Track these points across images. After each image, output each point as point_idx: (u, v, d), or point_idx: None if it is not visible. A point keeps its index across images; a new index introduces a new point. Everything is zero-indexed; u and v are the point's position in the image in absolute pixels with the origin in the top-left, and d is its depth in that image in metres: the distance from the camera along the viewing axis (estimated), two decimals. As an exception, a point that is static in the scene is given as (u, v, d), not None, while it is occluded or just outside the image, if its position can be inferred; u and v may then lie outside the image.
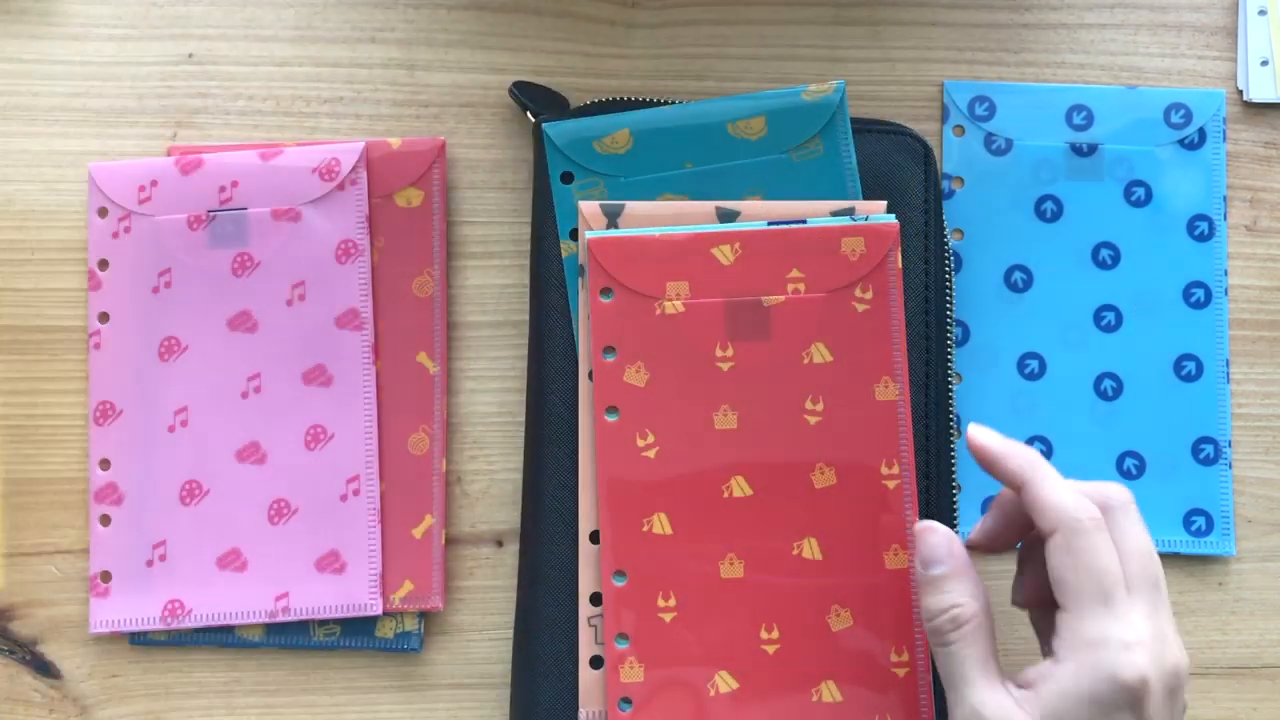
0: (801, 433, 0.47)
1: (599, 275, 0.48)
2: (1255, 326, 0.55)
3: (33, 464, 0.54)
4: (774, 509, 0.47)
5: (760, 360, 0.47)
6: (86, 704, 0.53)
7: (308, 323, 0.53)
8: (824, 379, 0.47)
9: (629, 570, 0.47)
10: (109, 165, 0.53)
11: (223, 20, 0.55)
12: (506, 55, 0.55)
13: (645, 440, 0.47)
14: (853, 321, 0.47)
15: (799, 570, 0.47)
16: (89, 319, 0.53)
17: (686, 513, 0.47)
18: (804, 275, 0.47)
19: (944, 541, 0.43)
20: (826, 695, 0.47)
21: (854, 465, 0.47)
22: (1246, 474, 0.55)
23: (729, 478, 0.47)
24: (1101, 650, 0.39)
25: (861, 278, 0.47)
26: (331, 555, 0.52)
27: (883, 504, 0.47)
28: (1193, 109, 0.55)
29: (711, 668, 0.47)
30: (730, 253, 0.47)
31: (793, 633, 0.47)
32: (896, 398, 0.47)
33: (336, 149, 0.53)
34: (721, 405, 0.47)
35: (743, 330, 0.47)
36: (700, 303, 0.47)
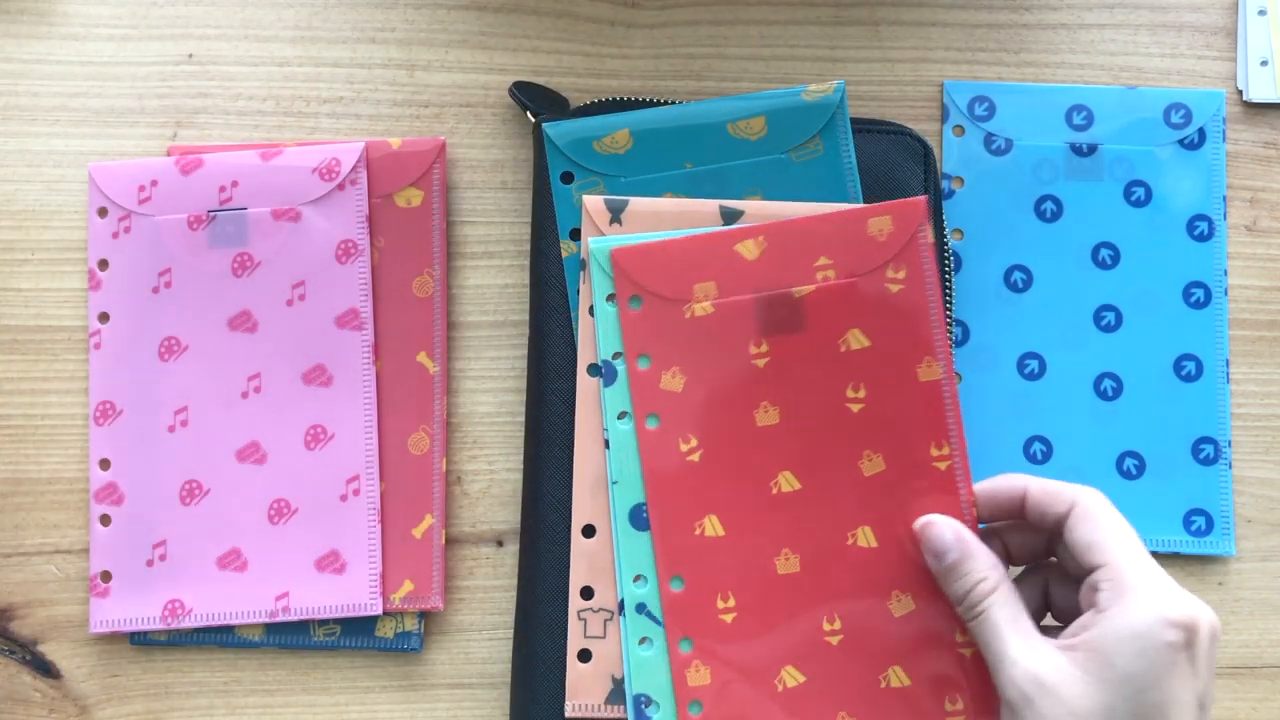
0: (846, 422, 0.46)
1: (625, 284, 0.48)
2: (1255, 326, 0.55)
3: (33, 464, 0.54)
4: (825, 500, 0.47)
5: (796, 353, 0.47)
6: (86, 704, 0.53)
7: (308, 323, 0.53)
8: (863, 365, 0.46)
9: (685, 574, 0.47)
10: (109, 165, 0.53)
11: (223, 20, 0.55)
12: (506, 55, 0.55)
13: (688, 444, 0.47)
14: (887, 303, 0.46)
15: (856, 559, 0.46)
16: (89, 319, 0.53)
17: (737, 512, 0.47)
18: (832, 261, 0.46)
19: (947, 529, 0.44)
20: (895, 680, 0.46)
21: (902, 449, 0.46)
22: (1246, 474, 0.55)
23: (776, 473, 0.47)
24: (1150, 591, 0.39)
25: (892, 257, 0.46)
26: (331, 555, 0.52)
27: (935, 486, 0.46)
28: (1192, 109, 0.55)
29: (777, 664, 0.46)
30: (754, 247, 0.47)
31: (855, 622, 0.46)
32: (940, 376, 0.46)
33: (336, 149, 0.53)
34: (761, 402, 0.47)
35: (775, 324, 0.47)
36: (729, 301, 0.47)
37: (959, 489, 0.46)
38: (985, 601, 0.42)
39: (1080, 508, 0.41)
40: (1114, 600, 0.39)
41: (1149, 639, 0.38)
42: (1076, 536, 0.41)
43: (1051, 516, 0.42)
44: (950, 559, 0.43)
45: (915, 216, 0.47)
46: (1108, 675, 0.38)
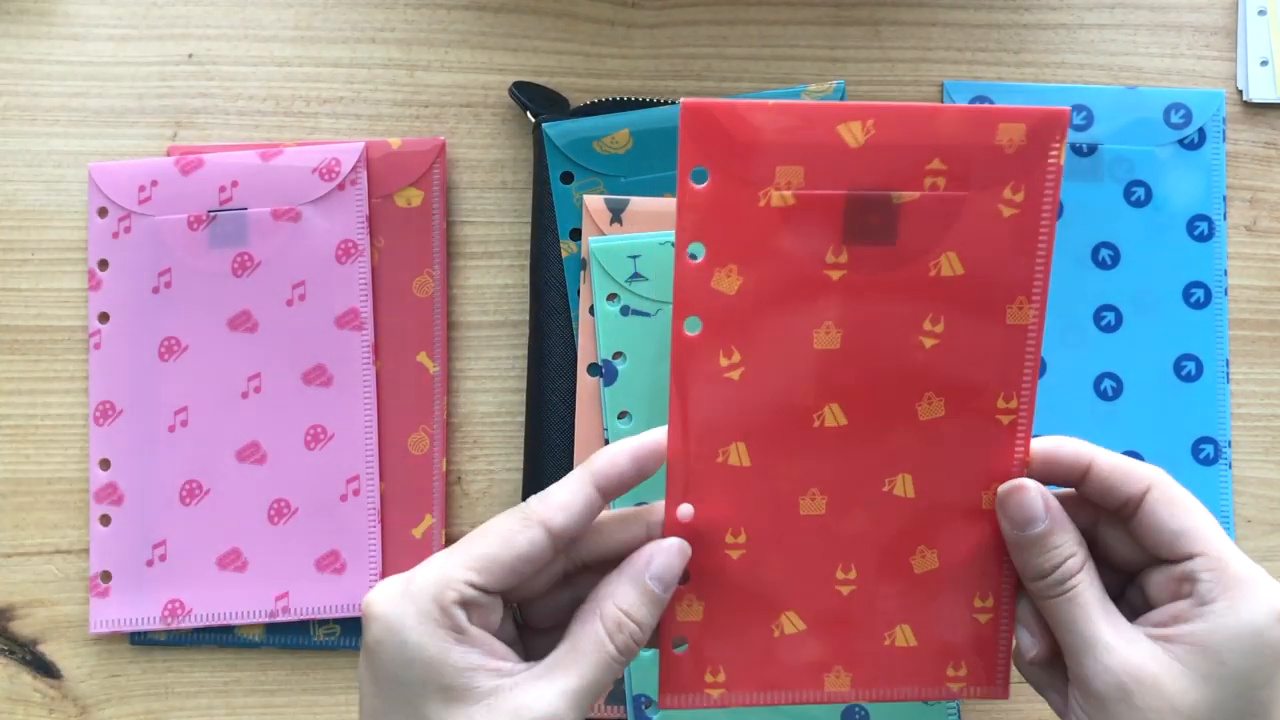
0: (914, 358, 0.41)
1: (693, 151, 0.38)
2: (1255, 326, 0.55)
3: (33, 464, 0.54)
4: (869, 441, 0.41)
5: (879, 270, 0.40)
6: (86, 704, 0.53)
7: (308, 323, 0.53)
8: (950, 296, 0.40)
9: (696, 502, 0.41)
10: (109, 165, 0.53)
11: (223, 20, 0.55)
12: (506, 55, 0.55)
13: (730, 359, 0.40)
14: (995, 228, 0.40)
15: (888, 508, 0.42)
16: (89, 319, 0.53)
17: (769, 443, 0.41)
18: (946, 167, 0.39)
19: (1038, 497, 0.40)
20: (900, 639, 0.43)
21: (968, 396, 0.41)
22: (1246, 474, 0.55)
23: (823, 405, 0.41)
24: (1260, 585, 0.37)
25: (1014, 175, 0.39)
26: (331, 555, 0.52)
27: (993, 440, 0.41)
28: (1192, 109, 0.55)
29: (778, 609, 0.42)
30: (860, 132, 0.39)
31: (871, 574, 0.42)
32: (1030, 321, 0.40)
33: (336, 149, 0.53)
34: (825, 321, 0.40)
35: (863, 231, 0.40)
36: (816, 194, 0.39)
37: (1016, 447, 0.41)
38: (1074, 579, 0.39)
39: (1159, 490, 0.39)
40: (1219, 593, 0.37)
41: (1264, 635, 0.36)
42: (1159, 522, 0.38)
43: (1120, 496, 0.39)
44: (1038, 529, 0.39)
45: (1053, 130, 0.39)
46: (1218, 672, 0.36)
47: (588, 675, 0.36)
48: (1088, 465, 0.40)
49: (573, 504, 0.37)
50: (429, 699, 0.35)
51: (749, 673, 0.42)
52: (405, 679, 0.35)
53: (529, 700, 0.35)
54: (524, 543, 0.36)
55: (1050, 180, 0.40)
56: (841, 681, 0.42)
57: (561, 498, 0.37)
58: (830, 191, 0.39)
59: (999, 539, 0.42)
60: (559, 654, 0.37)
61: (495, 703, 0.35)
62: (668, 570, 0.38)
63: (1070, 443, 0.41)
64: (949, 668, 0.43)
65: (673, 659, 0.42)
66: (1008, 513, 0.40)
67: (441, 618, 0.35)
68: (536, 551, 0.36)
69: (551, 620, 0.39)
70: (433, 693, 0.35)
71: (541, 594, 0.39)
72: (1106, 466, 0.40)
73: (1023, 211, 0.40)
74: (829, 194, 0.39)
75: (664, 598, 0.38)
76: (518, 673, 0.36)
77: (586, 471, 0.38)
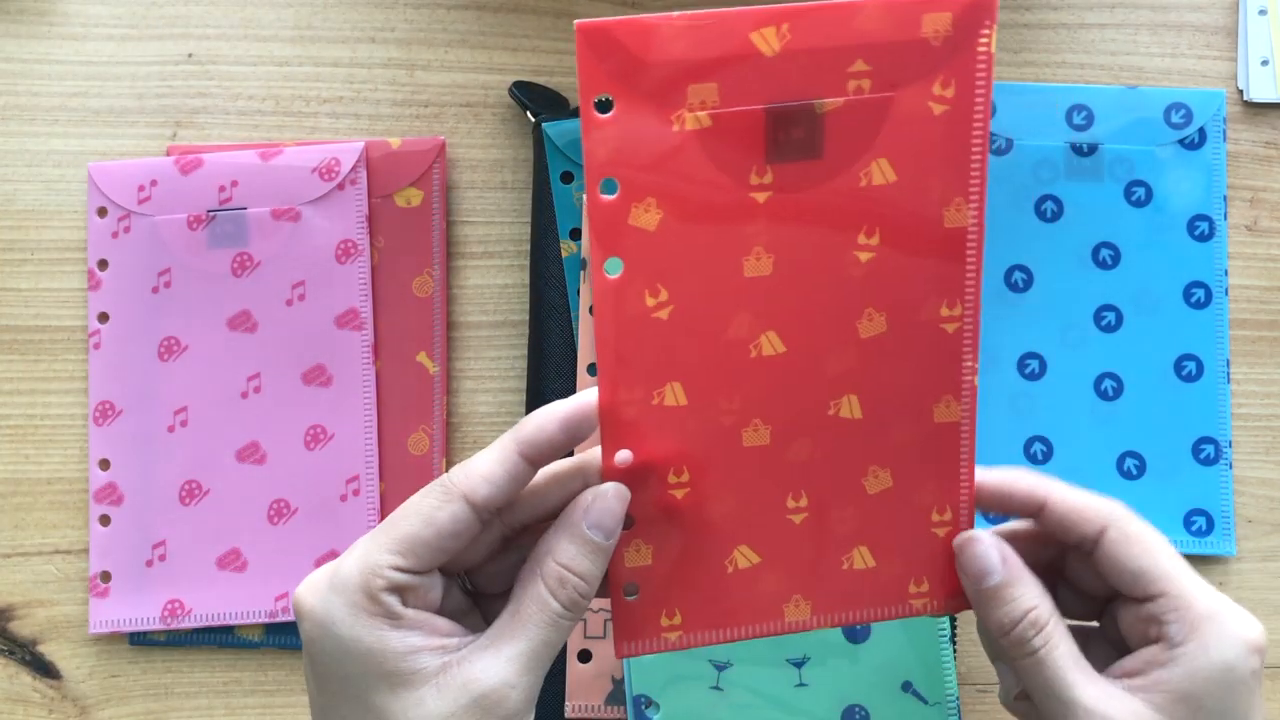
0: (850, 273, 0.38)
1: (593, 77, 0.35)
2: (1255, 326, 0.55)
3: (33, 464, 0.54)
4: (810, 366, 0.39)
5: (807, 186, 0.37)
6: (86, 704, 0.53)
7: (307, 323, 0.53)
8: (883, 204, 0.38)
9: (634, 447, 0.39)
10: (108, 165, 0.53)
11: (222, 20, 0.55)
12: (506, 55, 0.55)
13: (656, 298, 0.38)
14: (926, 128, 0.37)
15: (835, 431, 0.40)
16: (89, 319, 0.53)
17: (705, 380, 0.39)
18: (871, 68, 0.36)
19: (992, 549, 0.39)
20: (859, 561, 0.41)
21: (909, 308, 0.39)
22: (1247, 474, 0.54)
23: (759, 334, 0.39)
24: (1224, 618, 0.37)
25: (943, 68, 0.37)
26: (331, 555, 0.52)
27: (938, 350, 0.39)
28: (1193, 109, 0.55)
29: (730, 544, 0.40)
30: (775, 38, 0.36)
31: (823, 500, 0.40)
32: (969, 223, 0.38)
33: (336, 149, 0.53)
34: (754, 247, 0.38)
35: (787, 147, 0.37)
36: (734, 112, 0.36)
37: (962, 355, 0.39)
38: (1040, 636, 0.38)
39: (1115, 529, 0.38)
40: (1187, 634, 0.37)
41: (1236, 671, 0.36)
42: (1120, 563, 0.38)
43: (1075, 535, 0.39)
44: (993, 581, 0.38)
45: (980, 16, 0.36)
46: (1197, 716, 0.36)
47: (535, 637, 0.36)
48: (1042, 502, 0.39)
49: (495, 474, 0.36)
50: (374, 689, 0.34)
51: (705, 611, 0.41)
52: (346, 673, 0.35)
53: (477, 672, 0.35)
54: (446, 519, 0.35)
55: (981, 70, 0.37)
56: (801, 610, 0.41)
57: (484, 468, 0.36)
58: (748, 108, 0.37)
59: (954, 452, 0.40)
60: (504, 620, 0.36)
61: (443, 680, 0.35)
62: (607, 516, 0.37)
63: (1025, 477, 0.40)
64: (910, 584, 0.41)
65: (625, 606, 0.40)
66: (963, 566, 0.39)
67: (372, 606, 0.34)
68: (460, 526, 0.35)
69: (504, 584, 0.38)
70: (376, 682, 0.34)
71: (483, 561, 0.38)
72: (1061, 505, 0.39)
73: (954, 107, 0.37)
74: (747, 110, 0.37)
75: (606, 545, 0.37)
76: (464, 647, 0.35)
77: (512, 439, 0.36)
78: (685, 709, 0.50)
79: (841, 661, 0.51)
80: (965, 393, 0.40)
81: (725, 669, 0.51)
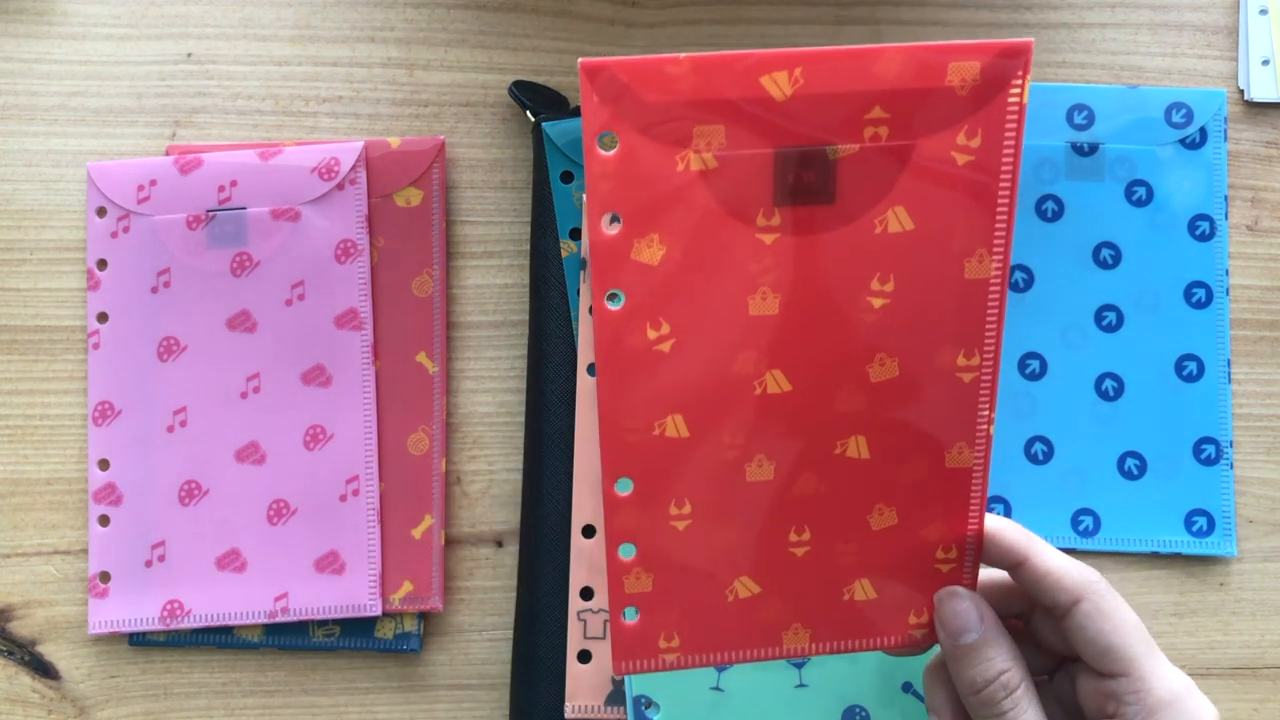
0: (861, 319, 0.38)
1: (597, 113, 0.35)
2: (1256, 326, 0.55)
3: (31, 464, 0.53)
4: (817, 406, 0.39)
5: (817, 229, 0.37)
6: (85, 704, 0.53)
7: (307, 323, 0.53)
8: (900, 253, 0.37)
9: (635, 477, 0.39)
10: (107, 165, 0.53)
11: (221, 20, 0.55)
12: (506, 55, 0.55)
13: (658, 330, 0.37)
14: (948, 178, 0.36)
15: (841, 470, 0.39)
16: (88, 319, 0.53)
17: (707, 413, 0.39)
18: (888, 115, 0.36)
19: (972, 607, 0.40)
20: (860, 593, 0.41)
21: (923, 355, 0.38)
22: (1248, 474, 0.54)
23: (763, 373, 0.38)
24: (1186, 701, 0.38)
25: (969, 118, 0.36)
26: (331, 555, 0.52)
27: (953, 398, 0.39)
28: (1194, 108, 0.55)
29: (731, 574, 0.40)
30: (787, 83, 0.35)
31: (826, 534, 0.40)
32: (992, 275, 0.37)
33: (336, 148, 0.53)
34: (760, 287, 0.37)
35: (797, 191, 0.36)
36: (740, 154, 0.36)
37: (980, 406, 0.39)
38: (1010, 699, 0.38)
39: (1090, 604, 0.39)
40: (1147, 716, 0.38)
41: None
42: (1087, 636, 0.39)
43: (1050, 599, 0.40)
44: (969, 639, 0.39)
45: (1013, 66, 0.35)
46: None
47: None
48: (1022, 558, 0.40)
49: None
50: None
51: (704, 636, 0.41)
52: None
53: None
54: None
55: (1012, 121, 0.36)
56: (800, 638, 0.41)
57: None
58: (757, 150, 0.36)
59: (964, 495, 0.40)
60: None
61: None
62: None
63: (1011, 530, 0.40)
64: (911, 615, 0.41)
65: (623, 627, 0.40)
66: (942, 619, 0.40)
67: None
68: None
69: None
70: None
71: None
72: (1040, 567, 0.39)
73: (980, 159, 0.36)
74: (756, 153, 0.36)
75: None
76: None
77: None
78: (685, 709, 0.50)
79: (841, 662, 0.51)
80: (980, 441, 0.39)
81: (725, 670, 0.51)
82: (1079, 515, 0.53)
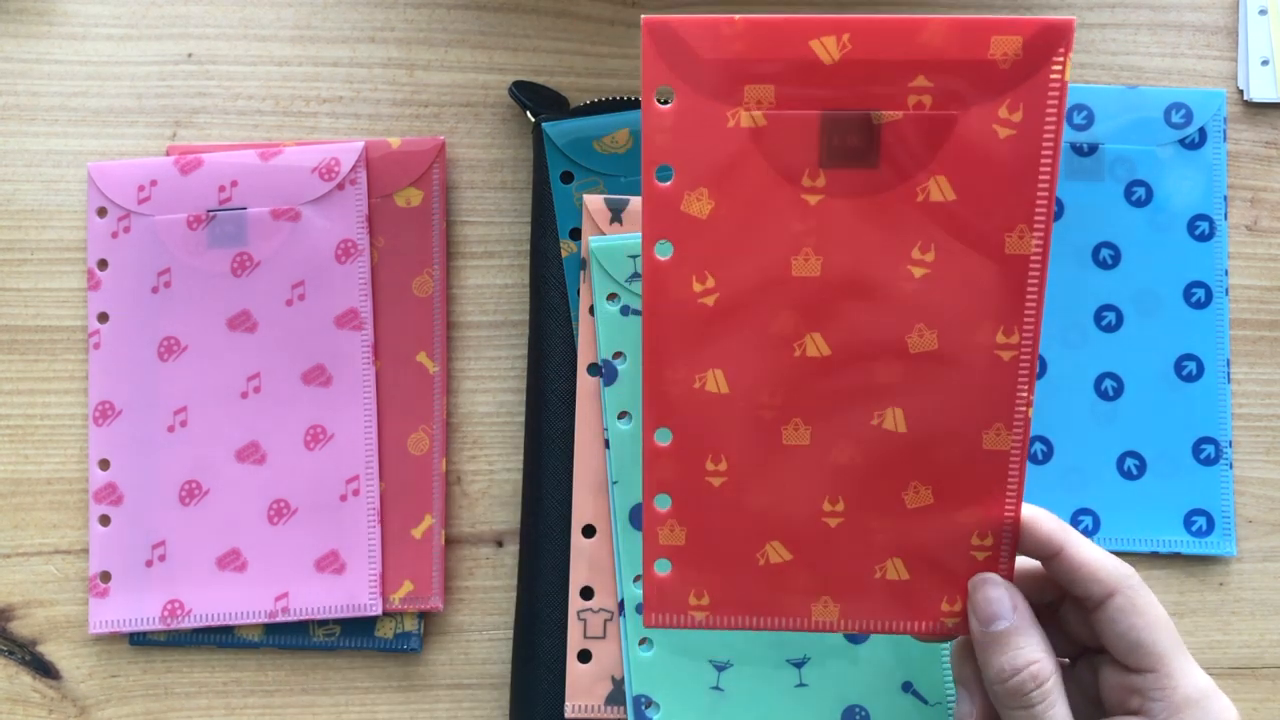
0: (902, 286, 0.38)
1: (656, 68, 0.37)
2: (1256, 326, 0.55)
3: (32, 464, 0.54)
4: (855, 372, 0.39)
5: (860, 194, 0.38)
6: (86, 704, 0.53)
7: (307, 322, 0.53)
8: (941, 222, 0.38)
9: (674, 428, 0.40)
10: (108, 165, 0.53)
11: (222, 20, 0.55)
12: (506, 55, 0.55)
13: (703, 284, 0.39)
14: (990, 150, 0.37)
15: (878, 442, 0.40)
16: (88, 319, 0.53)
17: (748, 370, 0.39)
18: (932, 85, 0.37)
19: (1005, 594, 0.39)
20: (891, 573, 0.41)
21: (963, 330, 0.39)
22: (1247, 474, 0.54)
23: (804, 334, 0.39)
24: (1211, 701, 0.38)
25: (1010, 92, 0.37)
26: (331, 555, 0.52)
27: (992, 376, 0.39)
28: (1193, 109, 0.55)
29: (763, 537, 0.41)
30: (835, 48, 0.36)
31: (861, 507, 0.40)
32: (1033, 251, 0.38)
33: (336, 149, 0.53)
34: (803, 248, 0.38)
35: (842, 154, 0.37)
36: (788, 115, 0.37)
37: (1017, 385, 0.39)
38: (1038, 691, 0.38)
39: (1124, 598, 0.39)
40: (1169, 716, 0.38)
41: None
42: (1119, 630, 0.39)
43: (1084, 591, 0.39)
44: (1001, 626, 0.39)
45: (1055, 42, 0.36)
46: None
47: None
48: (1059, 549, 0.40)
49: None
50: None
51: (734, 598, 0.41)
52: None
53: None
54: None
55: (1054, 98, 0.37)
56: (829, 611, 0.41)
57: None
58: (804, 111, 0.37)
59: (1001, 479, 0.40)
60: None
61: None
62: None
63: (1048, 520, 0.40)
64: (943, 602, 0.41)
65: (656, 579, 0.41)
66: (974, 605, 0.40)
67: None
68: None
69: None
70: None
71: None
72: (1076, 559, 0.39)
73: (1021, 133, 0.37)
74: (803, 114, 0.37)
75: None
76: None
77: None
78: (685, 709, 0.50)
79: (841, 662, 0.51)
80: (1018, 423, 0.39)
81: (725, 669, 0.51)
82: (1078, 515, 0.53)
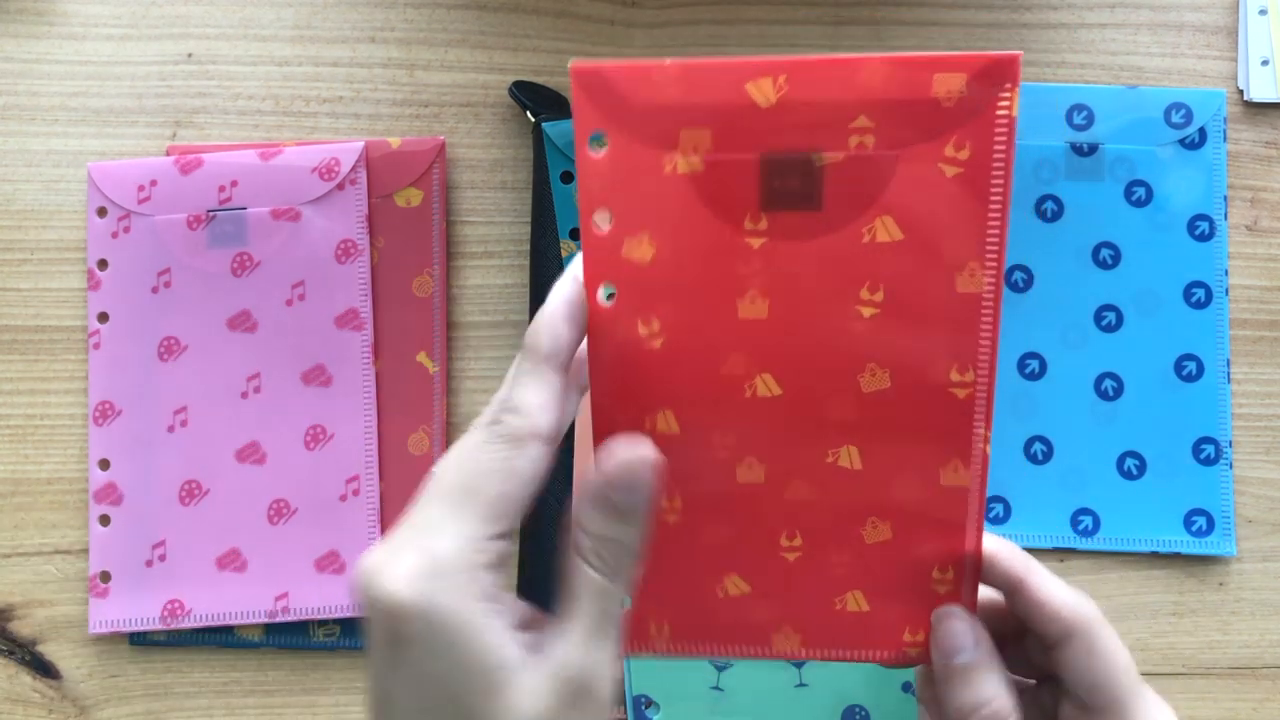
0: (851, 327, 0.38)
1: (587, 115, 0.36)
2: (1256, 326, 0.55)
3: (32, 464, 0.54)
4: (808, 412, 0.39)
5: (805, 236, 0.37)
6: (86, 704, 0.53)
7: (307, 322, 0.53)
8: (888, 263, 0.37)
9: None
10: (108, 165, 0.53)
11: (222, 20, 0.55)
12: (506, 55, 0.55)
13: (649, 328, 0.38)
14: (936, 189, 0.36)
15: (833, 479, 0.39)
16: (88, 319, 0.53)
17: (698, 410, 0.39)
18: (874, 125, 0.36)
19: (968, 628, 0.38)
20: (852, 604, 0.40)
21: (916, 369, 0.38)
22: (1247, 474, 0.54)
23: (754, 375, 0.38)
24: None
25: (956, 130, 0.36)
26: (331, 555, 0.52)
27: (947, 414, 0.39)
28: (1193, 109, 0.55)
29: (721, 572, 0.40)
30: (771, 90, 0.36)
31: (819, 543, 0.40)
32: (984, 289, 0.37)
33: (336, 149, 0.53)
34: (748, 291, 0.38)
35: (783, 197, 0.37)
36: (726, 159, 0.36)
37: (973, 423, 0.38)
38: None
39: (1082, 640, 0.38)
40: None
41: None
42: (1077, 670, 0.38)
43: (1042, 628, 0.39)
44: (962, 660, 0.39)
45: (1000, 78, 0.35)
46: None
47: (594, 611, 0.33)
48: (1019, 583, 0.39)
49: (548, 401, 0.33)
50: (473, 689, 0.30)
51: (695, 627, 0.41)
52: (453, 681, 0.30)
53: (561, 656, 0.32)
54: (527, 466, 0.32)
55: (1001, 134, 0.36)
56: (790, 641, 0.41)
57: (534, 398, 0.33)
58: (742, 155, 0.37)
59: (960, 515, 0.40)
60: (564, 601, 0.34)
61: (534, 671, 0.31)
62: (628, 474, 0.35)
63: (1009, 555, 0.39)
64: (905, 632, 0.41)
65: None
66: (936, 638, 0.39)
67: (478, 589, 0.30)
68: (540, 468, 0.32)
69: None
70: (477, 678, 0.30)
71: None
72: (1036, 598, 0.39)
73: (969, 171, 0.36)
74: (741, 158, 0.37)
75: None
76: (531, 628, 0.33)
77: (540, 359, 0.34)
78: (685, 709, 0.50)
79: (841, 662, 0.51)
80: (975, 459, 0.39)
81: (725, 669, 0.51)
82: (1078, 515, 0.53)
